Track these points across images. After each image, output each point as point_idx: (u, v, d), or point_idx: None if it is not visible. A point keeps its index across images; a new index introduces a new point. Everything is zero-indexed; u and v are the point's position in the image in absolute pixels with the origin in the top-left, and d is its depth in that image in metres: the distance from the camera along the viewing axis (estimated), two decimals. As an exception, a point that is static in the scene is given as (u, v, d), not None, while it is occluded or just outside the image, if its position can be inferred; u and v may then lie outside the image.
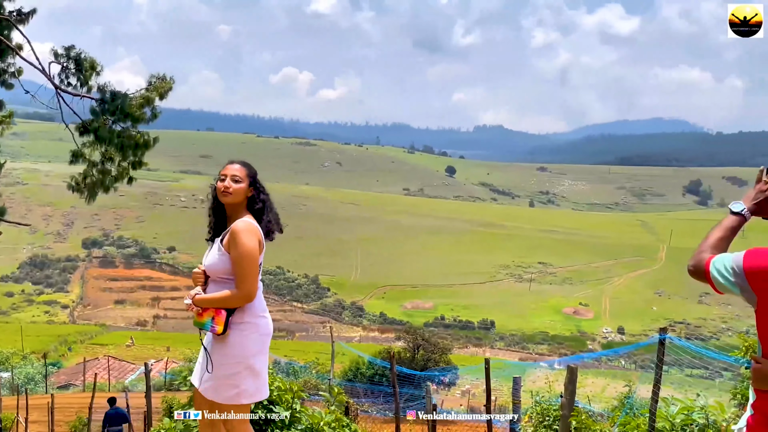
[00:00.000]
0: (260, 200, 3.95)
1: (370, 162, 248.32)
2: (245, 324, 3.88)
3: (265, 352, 3.96)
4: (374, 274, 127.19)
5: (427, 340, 41.93)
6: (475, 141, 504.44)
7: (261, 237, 3.90)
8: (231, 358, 3.87)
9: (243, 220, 3.90)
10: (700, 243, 2.76)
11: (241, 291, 3.80)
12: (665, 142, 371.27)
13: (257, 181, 3.99)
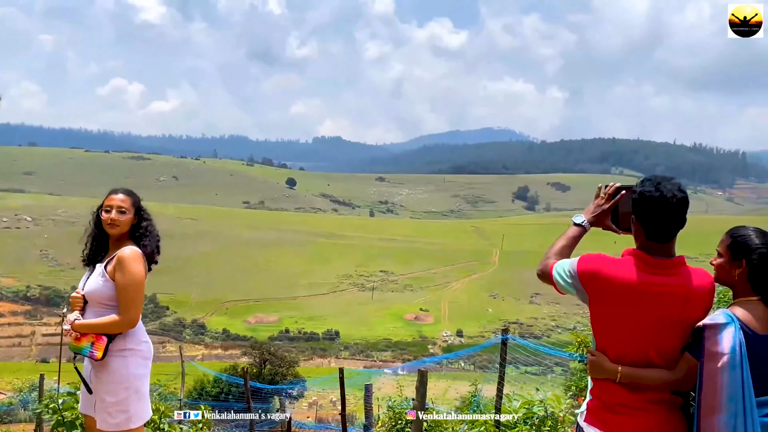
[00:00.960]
0: (143, 227, 4.00)
1: (208, 175, 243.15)
2: (128, 350, 3.91)
3: (148, 376, 3.99)
4: (216, 290, 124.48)
5: (274, 354, 41.71)
6: (314, 152, 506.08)
7: (146, 264, 3.95)
8: (117, 384, 3.88)
9: (130, 248, 3.94)
10: (546, 250, 3.14)
11: (126, 317, 3.85)
12: (495, 151, 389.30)
13: (141, 208, 4.04)
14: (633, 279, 2.74)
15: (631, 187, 3.05)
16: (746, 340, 2.67)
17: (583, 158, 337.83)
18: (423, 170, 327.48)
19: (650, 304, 2.73)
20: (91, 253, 4.10)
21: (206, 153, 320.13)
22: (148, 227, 4.06)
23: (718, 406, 2.62)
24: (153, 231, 4.08)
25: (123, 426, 3.87)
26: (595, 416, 2.84)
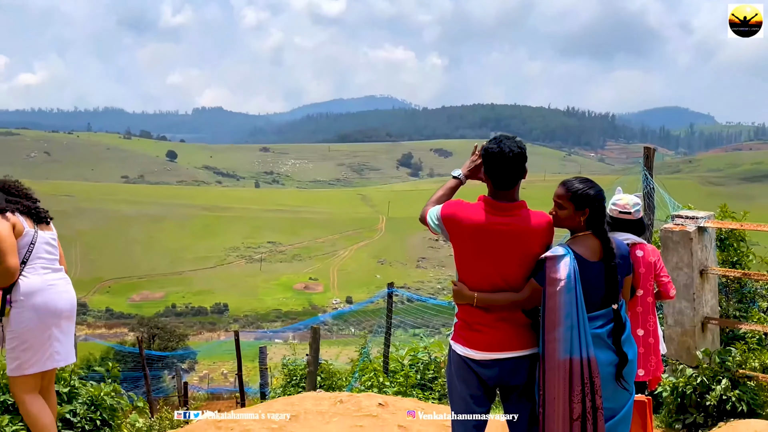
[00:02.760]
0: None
1: (82, 150, 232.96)
2: (19, 301, 4.22)
3: (46, 327, 4.29)
4: (97, 268, 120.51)
5: (162, 329, 41.31)
6: (194, 124, 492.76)
7: (17, 219, 4.24)
8: (9, 333, 4.23)
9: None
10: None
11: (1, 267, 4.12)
12: (378, 119, 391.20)
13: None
14: (481, 220, 3.37)
15: None
16: (580, 268, 3.32)
17: (464, 124, 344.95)
18: (307, 140, 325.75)
19: (495, 239, 3.36)
20: None
21: (79, 127, 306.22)
22: (7, 184, 4.47)
23: (557, 321, 3.28)
24: (12, 186, 4.49)
25: (16, 372, 4.24)
26: (459, 334, 3.48)
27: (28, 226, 4.32)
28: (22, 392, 4.26)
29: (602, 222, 3.45)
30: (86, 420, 5.43)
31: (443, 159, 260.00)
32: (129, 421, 6.00)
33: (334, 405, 5.56)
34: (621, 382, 3.38)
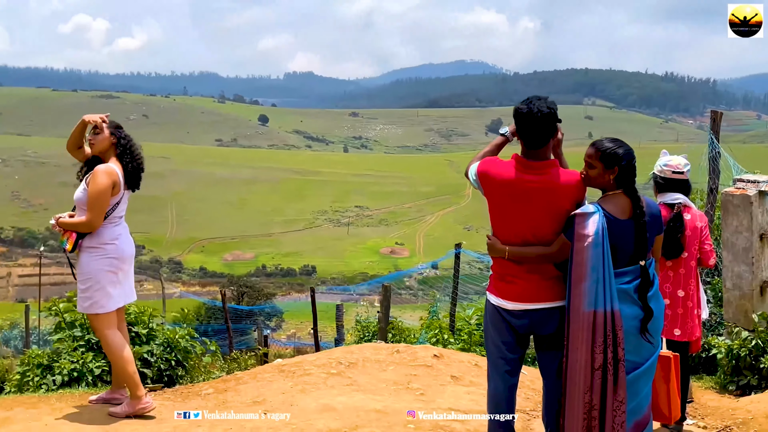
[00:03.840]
0: (121, 146, 4.70)
1: (178, 113, 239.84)
2: (93, 248, 4.66)
3: (116, 271, 4.72)
4: (191, 228, 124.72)
5: (251, 287, 42.64)
6: (286, 88, 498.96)
7: (118, 179, 4.65)
8: (82, 275, 4.68)
9: (103, 164, 4.64)
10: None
11: (85, 219, 4.59)
12: (468, 84, 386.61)
13: (119, 128, 4.73)
14: (511, 176, 3.53)
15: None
16: (609, 225, 3.44)
17: (556, 89, 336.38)
18: (396, 105, 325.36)
19: (524, 196, 3.51)
20: (81, 171, 4.87)
21: (176, 90, 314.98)
22: (128, 146, 4.78)
23: (583, 275, 3.42)
24: (134, 150, 4.81)
25: (88, 310, 4.70)
26: (493, 285, 3.68)
27: (123, 187, 4.71)
28: (103, 328, 4.70)
29: (632, 181, 3.55)
30: (162, 360, 5.90)
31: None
32: (203, 363, 6.44)
33: (391, 354, 5.82)
34: (645, 335, 3.51)
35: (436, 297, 10.65)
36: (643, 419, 3.62)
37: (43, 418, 4.67)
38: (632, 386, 3.52)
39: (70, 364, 5.59)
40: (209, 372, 6.36)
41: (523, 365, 5.97)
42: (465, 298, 10.49)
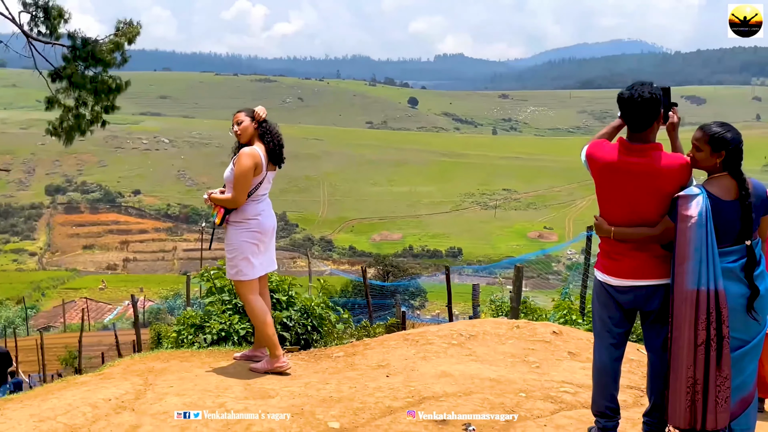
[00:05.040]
0: (263, 128, 5.24)
1: (331, 96, 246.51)
2: (238, 223, 5.23)
3: (258, 243, 5.27)
4: (342, 208, 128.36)
5: (396, 267, 43.58)
6: (436, 70, 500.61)
7: (261, 160, 5.15)
8: (229, 246, 5.28)
9: (247, 147, 5.24)
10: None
11: (231, 197, 5.16)
12: (625, 64, 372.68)
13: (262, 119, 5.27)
14: (614, 159, 3.67)
15: (668, 88, 3.81)
16: (713, 206, 3.53)
17: (721, 69, 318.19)
18: (548, 86, 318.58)
19: (626, 178, 3.65)
20: (234, 152, 5.43)
21: (329, 74, 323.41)
22: (268, 128, 5.32)
23: (687, 255, 3.53)
24: (273, 130, 5.33)
25: (234, 277, 5.31)
26: (600, 262, 3.84)
27: (265, 168, 5.22)
28: (247, 293, 5.27)
29: (738, 164, 3.60)
30: (299, 325, 6.45)
31: (696, 107, 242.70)
32: (336, 330, 6.93)
33: (511, 329, 6.04)
34: (752, 313, 3.56)
35: (567, 279, 10.68)
36: (749, 395, 3.68)
37: (194, 370, 5.29)
38: (738, 363, 3.58)
39: (219, 324, 6.27)
40: (341, 338, 6.83)
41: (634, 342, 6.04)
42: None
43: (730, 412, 3.56)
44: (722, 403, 3.52)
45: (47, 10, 18.55)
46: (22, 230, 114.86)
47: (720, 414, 3.53)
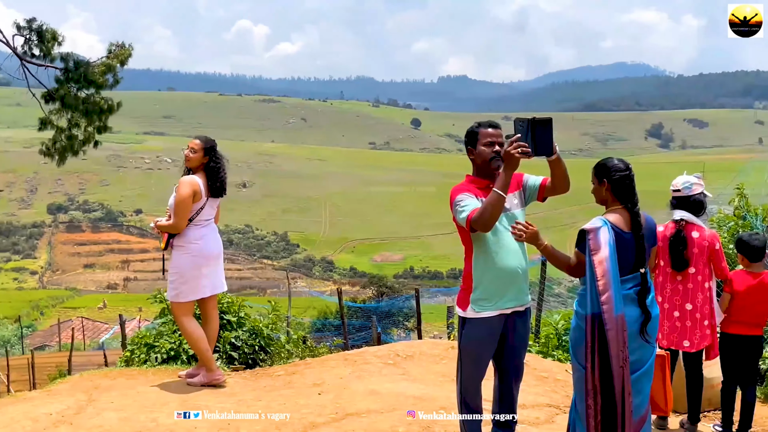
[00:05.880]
0: (210, 166, 5.58)
1: (335, 117, 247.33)
2: (180, 247, 5.51)
3: (198, 267, 5.51)
4: (343, 228, 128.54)
5: (390, 288, 43.65)
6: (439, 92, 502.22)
7: (199, 188, 5.40)
8: (171, 269, 5.57)
9: (187, 176, 5.53)
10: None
11: (172, 222, 5.46)
12: (628, 87, 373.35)
13: (213, 150, 5.59)
14: None
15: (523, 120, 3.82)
16: (616, 237, 3.76)
17: (723, 92, 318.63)
18: (551, 108, 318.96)
19: None
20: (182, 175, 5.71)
21: (333, 95, 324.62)
22: (215, 161, 5.58)
23: (608, 284, 3.71)
24: (219, 165, 5.59)
25: (174, 299, 5.57)
26: None
27: (205, 195, 5.47)
28: (180, 315, 5.56)
29: (629, 195, 3.84)
30: (247, 345, 6.69)
31: (698, 130, 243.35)
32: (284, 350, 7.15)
33: (447, 350, 6.26)
34: (644, 336, 3.78)
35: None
36: (645, 414, 3.90)
37: (138, 387, 5.54)
38: (636, 384, 3.80)
39: (169, 344, 6.52)
40: (288, 357, 7.05)
41: (551, 359, 6.24)
42: (552, 304, 10.71)
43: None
44: (630, 421, 3.73)
45: (41, 33, 18.95)
46: (24, 249, 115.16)
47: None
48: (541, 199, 4.14)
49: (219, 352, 6.44)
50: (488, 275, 3.95)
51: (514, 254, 3.99)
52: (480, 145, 4.00)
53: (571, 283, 10.71)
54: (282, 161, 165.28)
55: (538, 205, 4.67)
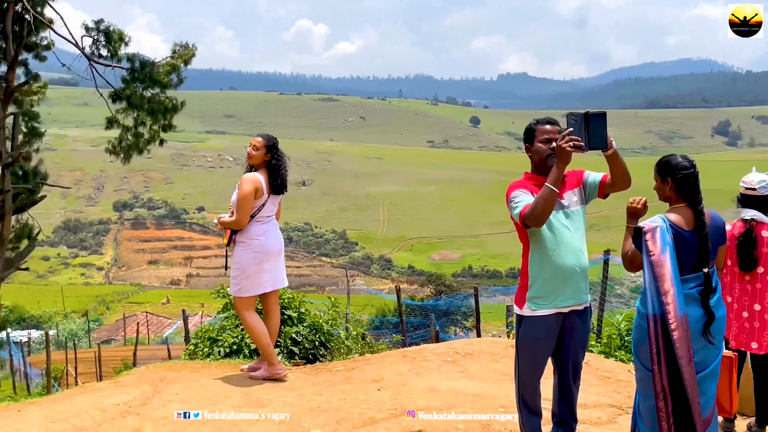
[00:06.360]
0: (272, 163, 5.69)
1: (393, 115, 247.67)
2: (242, 243, 5.63)
3: (260, 263, 5.63)
4: (401, 227, 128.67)
5: (449, 287, 43.60)
6: (498, 90, 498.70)
7: (261, 185, 5.49)
8: (233, 264, 5.68)
9: (250, 173, 5.62)
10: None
11: (235, 219, 5.58)
12: (693, 83, 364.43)
13: (275, 148, 5.72)
14: None
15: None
16: (674, 235, 3.69)
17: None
18: (613, 105, 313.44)
19: None
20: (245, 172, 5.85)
21: (391, 93, 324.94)
22: (278, 158, 5.67)
23: (670, 285, 3.65)
24: (280, 162, 5.69)
25: (236, 293, 5.70)
26: None
27: (266, 192, 5.57)
28: (242, 309, 5.67)
29: (693, 194, 3.76)
30: (307, 340, 6.78)
31: (767, 127, 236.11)
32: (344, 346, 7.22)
33: (506, 348, 6.23)
34: (708, 337, 3.70)
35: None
36: (711, 415, 3.82)
37: (201, 380, 5.67)
38: (700, 385, 3.73)
39: (231, 338, 6.65)
40: (348, 353, 7.11)
41: (613, 360, 6.15)
42: (615, 305, 10.57)
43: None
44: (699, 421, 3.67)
45: (108, 34, 19.49)
46: (90, 245, 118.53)
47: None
48: (602, 196, 4.09)
49: (280, 346, 6.54)
50: (544, 273, 3.92)
51: (573, 252, 3.94)
52: (537, 141, 3.99)
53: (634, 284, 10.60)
54: (340, 160, 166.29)
55: (601, 204, 4.61)
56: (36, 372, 25.62)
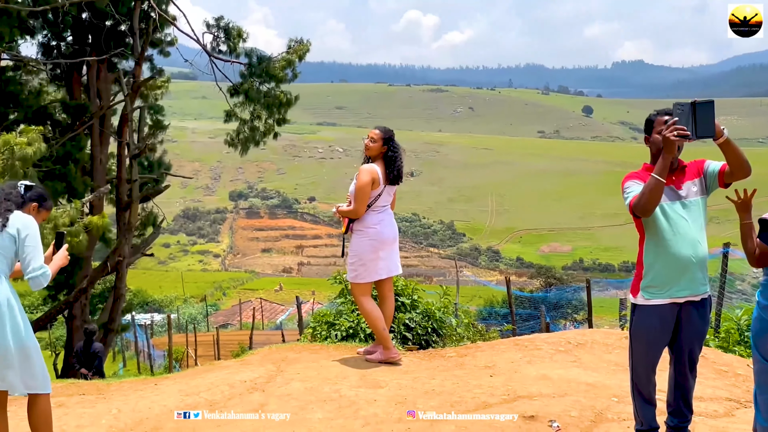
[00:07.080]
0: (389, 156, 5.89)
1: (502, 106, 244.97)
2: (359, 231, 5.86)
3: (376, 251, 5.84)
4: (510, 218, 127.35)
5: (559, 279, 42.91)
6: (613, 78, 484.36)
7: (378, 176, 5.69)
8: (351, 251, 5.92)
9: (367, 164, 5.86)
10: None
11: (353, 208, 5.81)
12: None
13: (392, 140, 5.91)
14: None
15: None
16: None
17: None
18: (736, 93, 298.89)
19: None
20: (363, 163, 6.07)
21: (501, 83, 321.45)
22: (392, 156, 5.85)
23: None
24: (396, 154, 5.86)
25: (353, 279, 5.94)
26: None
27: (383, 182, 5.77)
28: (359, 294, 5.91)
29: None
30: (420, 326, 6.96)
31: None
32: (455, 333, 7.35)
33: (620, 339, 6.19)
34: None
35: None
36: None
37: (320, 360, 5.95)
38: None
39: (348, 323, 6.93)
40: (459, 340, 7.25)
41: (732, 354, 6.00)
42: (735, 301, 10.25)
43: None
44: None
45: (228, 30, 20.30)
46: (208, 233, 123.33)
47: None
48: (723, 185, 4.04)
49: (394, 332, 6.74)
50: (659, 262, 3.92)
51: (690, 243, 3.91)
52: (655, 133, 3.98)
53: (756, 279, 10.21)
54: (449, 150, 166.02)
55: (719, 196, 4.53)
56: (158, 353, 26.97)
